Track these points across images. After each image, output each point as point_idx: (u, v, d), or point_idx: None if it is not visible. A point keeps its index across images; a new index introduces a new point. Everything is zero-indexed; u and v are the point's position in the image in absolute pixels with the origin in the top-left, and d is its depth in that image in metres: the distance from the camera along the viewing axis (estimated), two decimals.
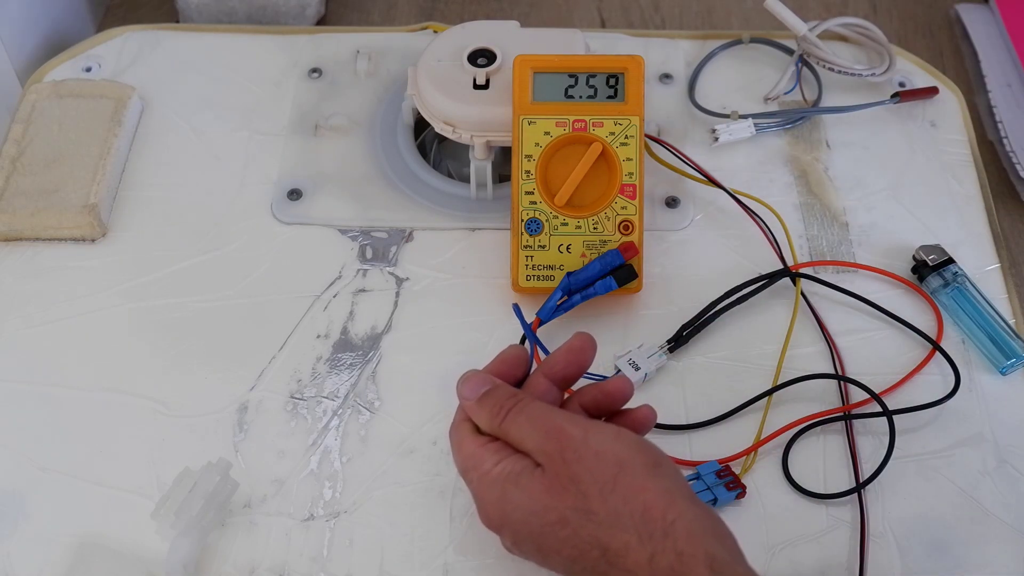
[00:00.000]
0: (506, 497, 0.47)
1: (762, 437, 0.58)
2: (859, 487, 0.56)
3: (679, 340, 0.61)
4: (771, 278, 0.63)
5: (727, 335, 0.62)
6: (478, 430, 0.50)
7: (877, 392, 0.58)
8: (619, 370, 0.58)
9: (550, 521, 0.46)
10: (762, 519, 0.56)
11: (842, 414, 0.59)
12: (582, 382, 0.54)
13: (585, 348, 0.52)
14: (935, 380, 0.61)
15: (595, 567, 0.45)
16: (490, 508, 0.49)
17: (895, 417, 0.58)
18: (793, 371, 0.60)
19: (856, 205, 0.68)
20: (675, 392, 0.60)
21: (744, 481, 0.56)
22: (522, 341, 0.61)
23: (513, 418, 0.49)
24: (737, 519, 0.55)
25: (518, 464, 0.48)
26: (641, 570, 0.44)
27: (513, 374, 0.52)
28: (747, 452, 0.57)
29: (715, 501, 0.55)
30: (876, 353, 0.61)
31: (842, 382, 0.60)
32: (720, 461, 0.56)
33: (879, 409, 0.58)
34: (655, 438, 0.54)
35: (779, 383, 0.60)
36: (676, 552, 0.43)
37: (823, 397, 0.60)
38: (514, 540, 0.48)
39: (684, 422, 0.59)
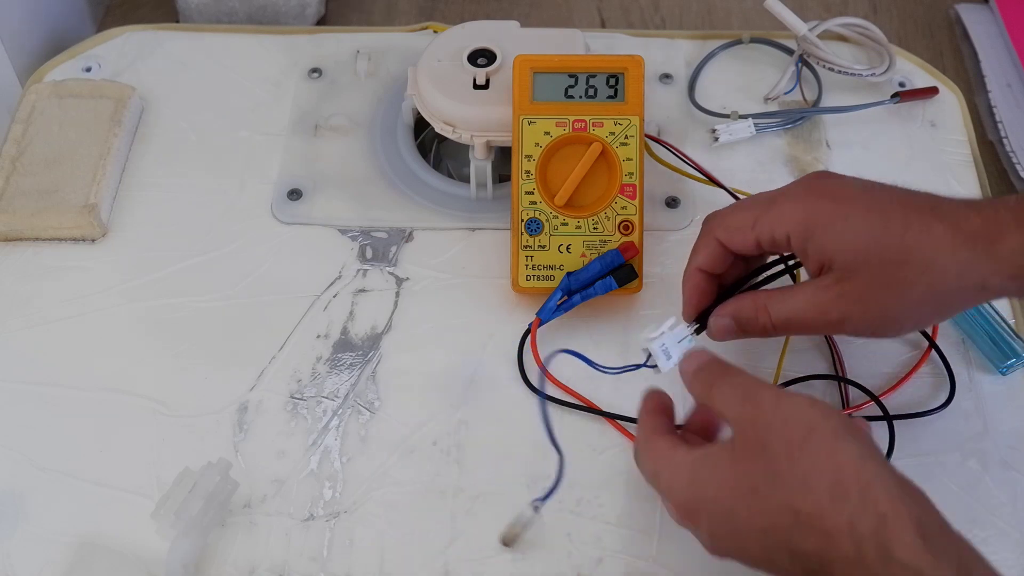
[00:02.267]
0: (697, 478, 0.47)
1: None
2: None
3: (703, 324, 0.58)
4: (785, 262, 0.59)
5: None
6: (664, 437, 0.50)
7: (877, 394, 0.58)
8: (649, 354, 0.55)
9: (741, 492, 0.45)
10: None
11: None
12: None
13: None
14: (937, 381, 0.61)
15: (789, 536, 0.43)
16: (681, 496, 0.47)
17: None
18: (793, 372, 0.60)
19: None
20: (676, 391, 0.60)
21: None
22: (521, 346, 0.61)
23: (720, 387, 0.48)
24: None
25: (709, 448, 0.48)
26: (841, 533, 0.41)
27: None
28: None
29: None
30: (875, 351, 0.61)
31: (842, 384, 0.60)
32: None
33: (878, 412, 0.58)
34: None
35: (779, 384, 0.60)
36: (878, 515, 0.41)
37: (823, 398, 0.60)
38: (710, 527, 0.47)
39: (682, 423, 0.59)
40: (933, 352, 0.61)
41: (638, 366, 0.55)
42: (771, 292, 0.53)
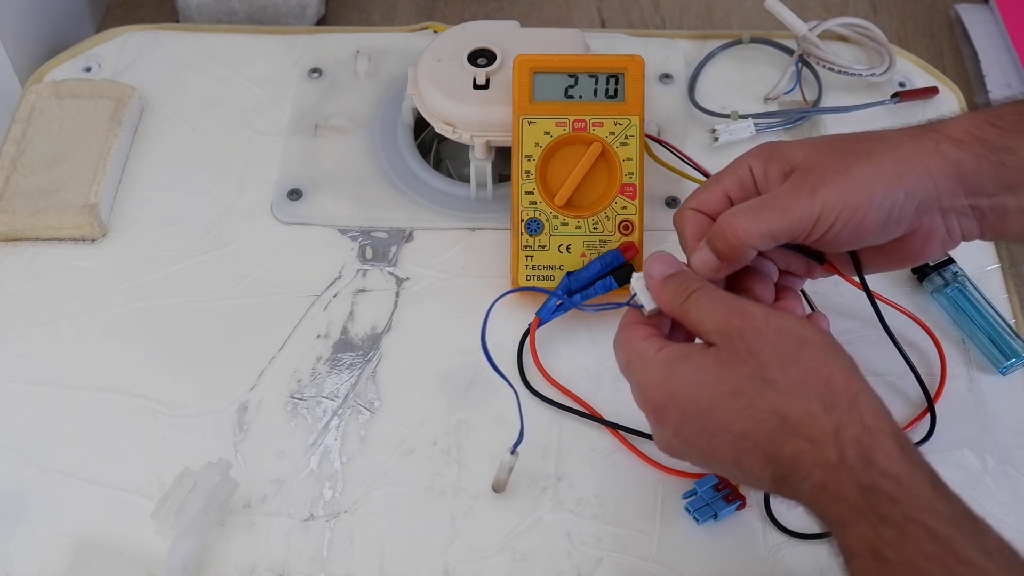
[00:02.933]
0: (673, 374, 0.47)
1: None
2: None
3: None
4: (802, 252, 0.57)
5: None
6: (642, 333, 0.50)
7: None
8: (635, 292, 0.53)
9: (722, 393, 0.45)
10: (761, 522, 0.56)
11: None
12: None
13: None
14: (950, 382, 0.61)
15: (768, 440, 0.44)
16: (653, 390, 0.48)
17: None
18: None
19: None
20: None
21: (743, 490, 0.56)
22: (521, 346, 0.61)
23: (696, 298, 0.48)
24: (736, 523, 0.55)
25: (686, 348, 0.48)
26: (826, 439, 0.43)
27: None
28: None
29: (716, 516, 0.55)
30: (874, 352, 0.61)
31: None
32: (717, 475, 0.56)
33: None
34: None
35: None
36: (863, 424, 0.43)
37: None
38: (678, 422, 0.47)
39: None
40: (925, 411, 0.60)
41: (619, 305, 0.54)
42: (740, 205, 0.52)
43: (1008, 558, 0.40)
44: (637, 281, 0.52)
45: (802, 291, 0.60)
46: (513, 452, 0.54)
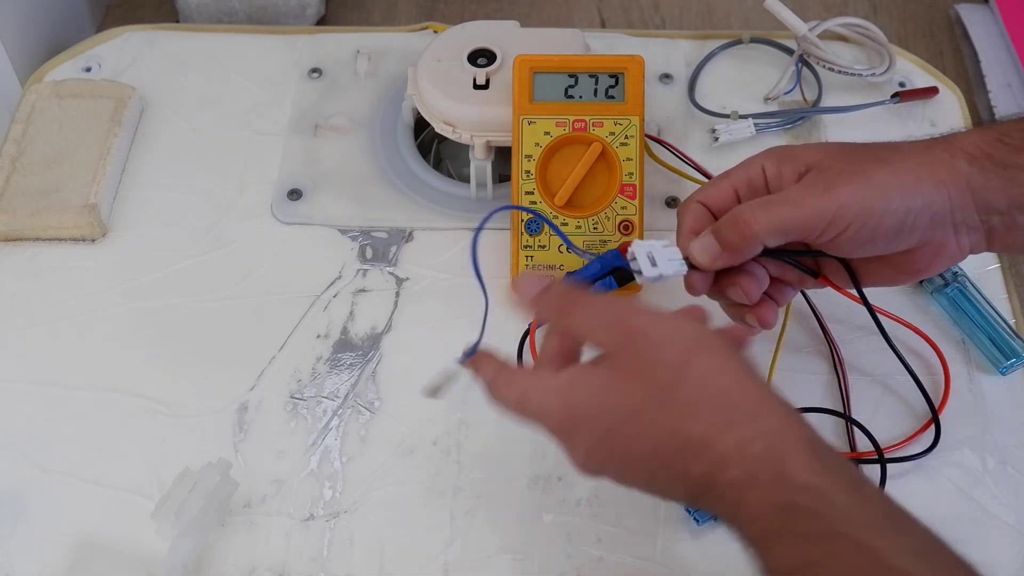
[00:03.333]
0: (572, 400, 0.44)
1: None
2: None
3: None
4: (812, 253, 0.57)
5: None
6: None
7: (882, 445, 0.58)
8: (634, 255, 0.52)
9: (622, 418, 0.43)
10: None
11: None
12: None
13: None
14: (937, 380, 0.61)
15: (675, 461, 0.42)
16: (556, 418, 0.45)
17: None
18: (793, 369, 0.61)
19: None
20: None
21: None
22: (520, 346, 0.61)
23: (579, 309, 0.46)
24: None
25: (578, 368, 0.46)
26: (730, 459, 0.40)
27: None
28: None
29: (716, 517, 0.54)
30: (872, 355, 0.61)
31: (846, 380, 0.60)
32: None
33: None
34: None
35: None
36: (769, 434, 0.40)
37: (823, 398, 0.60)
38: (587, 446, 0.44)
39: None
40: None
41: (617, 266, 0.53)
42: (753, 200, 0.51)
43: (938, 553, 0.38)
44: (638, 247, 0.52)
45: (803, 292, 0.60)
46: (461, 362, 0.50)
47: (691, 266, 0.52)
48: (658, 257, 0.52)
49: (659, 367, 0.43)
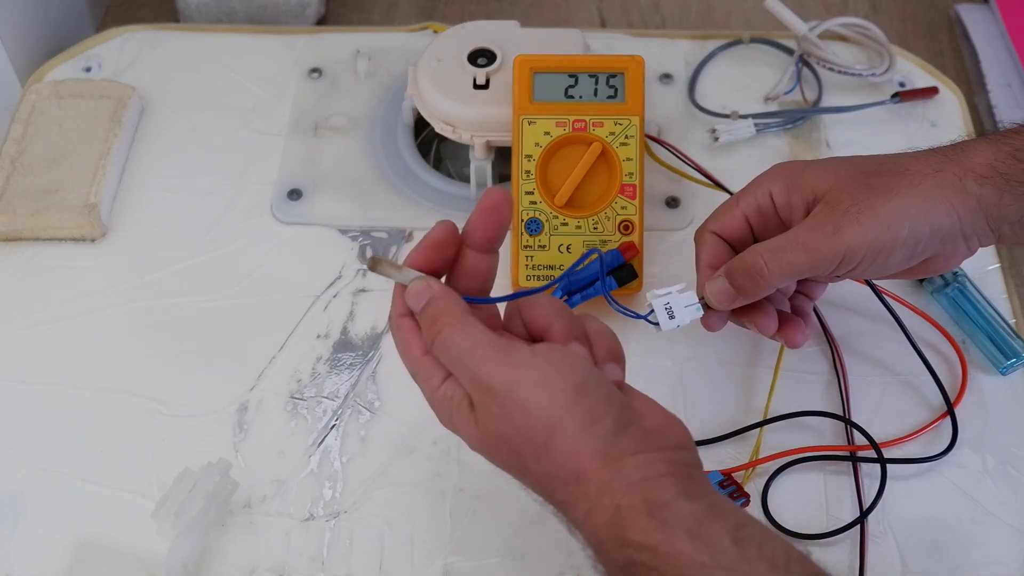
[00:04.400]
0: (454, 424, 0.46)
1: (760, 457, 0.57)
2: (862, 517, 0.55)
3: None
4: None
5: (724, 335, 0.62)
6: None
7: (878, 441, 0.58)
8: (652, 308, 0.54)
9: (498, 459, 0.45)
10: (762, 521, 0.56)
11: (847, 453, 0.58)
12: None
13: (499, 205, 0.48)
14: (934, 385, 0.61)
15: (549, 500, 0.45)
16: (444, 422, 0.47)
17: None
18: (794, 369, 0.61)
19: None
20: (672, 396, 0.60)
21: (747, 488, 0.56)
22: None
23: (440, 346, 0.45)
24: None
25: (458, 392, 0.45)
26: (582, 524, 0.43)
27: (443, 256, 0.48)
28: (745, 467, 0.57)
29: None
30: (877, 349, 0.61)
31: (846, 380, 0.60)
32: (723, 472, 0.56)
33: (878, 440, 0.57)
34: None
35: (781, 414, 0.59)
36: (613, 506, 0.42)
37: (824, 398, 0.60)
38: (489, 457, 0.47)
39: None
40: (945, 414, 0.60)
41: (639, 316, 0.54)
42: (763, 243, 0.52)
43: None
44: (655, 298, 0.54)
45: None
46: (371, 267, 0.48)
47: (706, 306, 0.54)
48: (675, 306, 0.54)
49: (519, 441, 0.43)
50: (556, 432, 0.43)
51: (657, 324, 0.54)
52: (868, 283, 0.59)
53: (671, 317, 0.54)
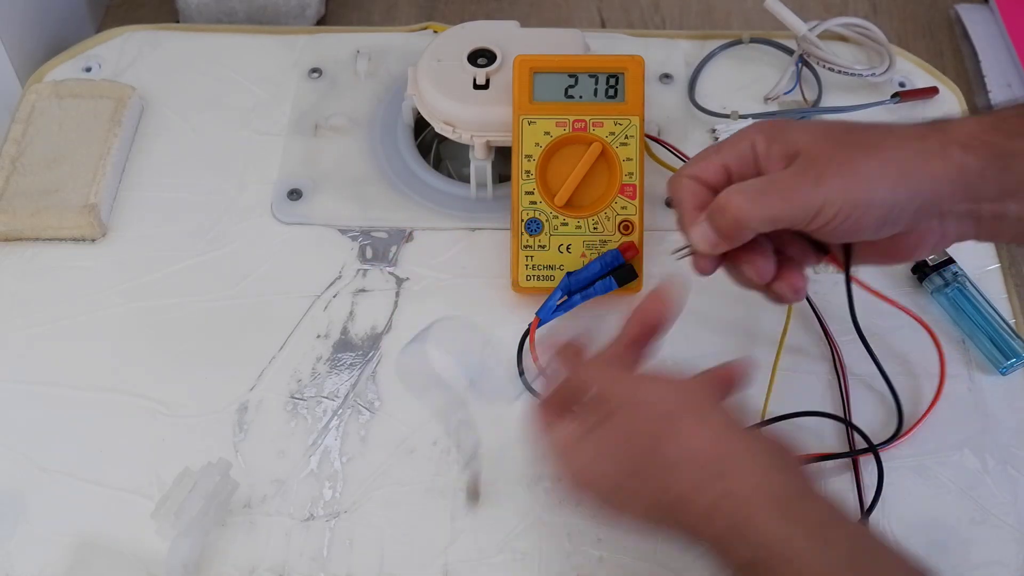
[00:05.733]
0: (583, 462, 0.48)
1: None
2: (862, 517, 0.55)
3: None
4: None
5: (724, 336, 0.62)
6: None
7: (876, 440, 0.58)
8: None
9: (625, 473, 0.46)
10: None
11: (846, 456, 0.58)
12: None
13: (659, 310, 0.52)
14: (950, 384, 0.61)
15: (671, 513, 0.46)
16: (570, 473, 0.49)
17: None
18: (794, 370, 0.61)
19: None
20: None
21: None
22: (520, 346, 0.61)
23: (584, 367, 0.51)
24: None
25: (589, 427, 0.48)
26: (709, 515, 0.44)
27: (650, 336, 0.53)
28: None
29: None
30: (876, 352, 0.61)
31: (846, 381, 0.60)
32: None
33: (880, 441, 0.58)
34: None
35: (782, 415, 0.59)
36: (733, 493, 0.43)
37: (824, 399, 0.60)
38: (597, 501, 0.48)
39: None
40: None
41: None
42: (743, 183, 0.51)
43: None
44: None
45: (808, 298, 0.60)
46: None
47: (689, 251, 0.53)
48: None
49: (643, 436, 0.46)
50: (674, 419, 0.46)
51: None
52: (846, 272, 0.55)
53: None
